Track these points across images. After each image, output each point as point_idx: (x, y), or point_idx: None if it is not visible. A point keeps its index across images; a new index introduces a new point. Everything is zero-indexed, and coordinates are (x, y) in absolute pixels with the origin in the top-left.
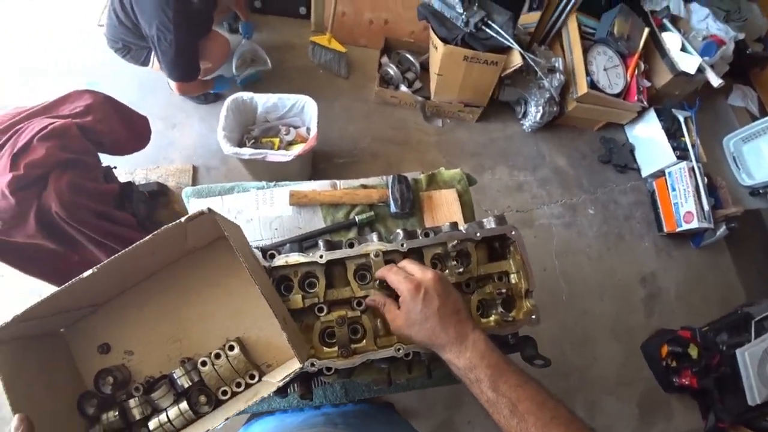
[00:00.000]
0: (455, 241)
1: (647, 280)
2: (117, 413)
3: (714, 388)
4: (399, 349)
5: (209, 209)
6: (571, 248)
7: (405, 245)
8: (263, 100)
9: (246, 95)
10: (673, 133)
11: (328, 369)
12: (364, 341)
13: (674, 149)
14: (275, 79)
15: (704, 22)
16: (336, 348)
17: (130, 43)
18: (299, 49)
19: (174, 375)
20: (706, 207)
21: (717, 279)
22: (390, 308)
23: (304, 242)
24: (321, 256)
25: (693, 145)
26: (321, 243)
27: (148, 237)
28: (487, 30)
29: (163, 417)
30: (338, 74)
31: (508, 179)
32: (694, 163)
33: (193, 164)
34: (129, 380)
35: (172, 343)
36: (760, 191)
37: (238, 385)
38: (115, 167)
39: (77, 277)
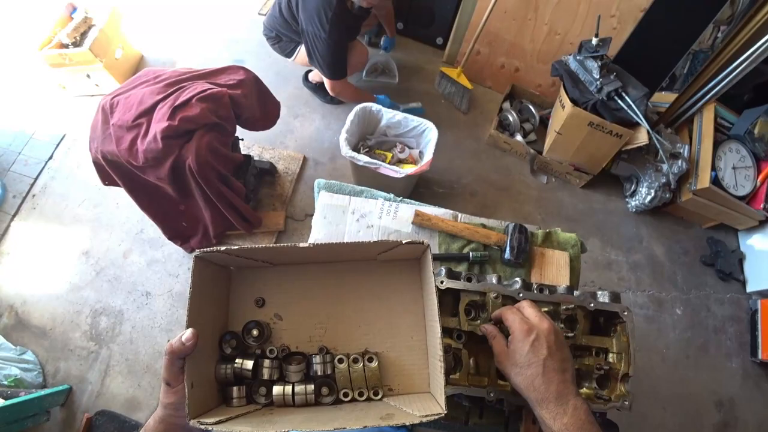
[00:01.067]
0: (569, 305)
1: (724, 404)
2: (251, 365)
3: None
4: (491, 393)
5: (427, 244)
6: (646, 344)
7: (522, 294)
8: (389, 115)
9: (375, 107)
10: None
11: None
12: (458, 374)
13: None
14: (399, 96)
15: None
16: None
17: (283, 34)
18: (427, 75)
19: (313, 359)
20: None
21: None
22: (499, 341)
23: None
24: (442, 282)
25: None
26: (443, 269)
27: (366, 242)
28: (619, 101)
29: (288, 388)
30: (458, 108)
31: (599, 254)
32: None
33: (304, 155)
34: (268, 340)
35: (318, 327)
36: None
37: (361, 394)
38: (243, 139)
39: (293, 244)
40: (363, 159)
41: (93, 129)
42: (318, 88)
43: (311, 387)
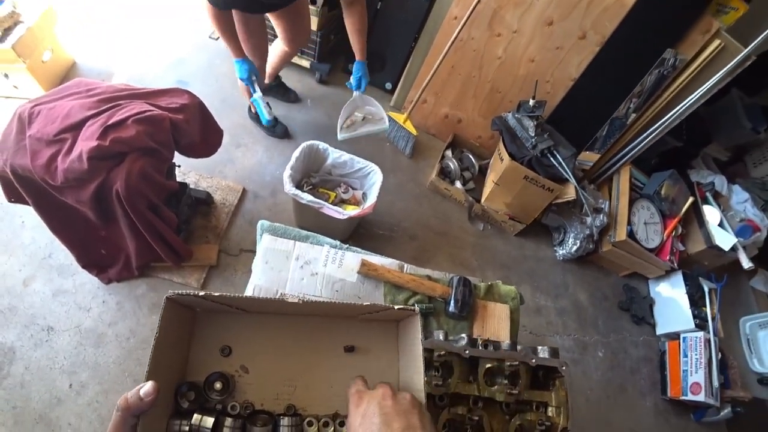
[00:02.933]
0: (513, 362)
1: None
2: (211, 423)
3: None
4: None
5: (419, 312)
6: (573, 386)
7: (468, 352)
8: (335, 155)
9: (322, 145)
10: (696, 300)
11: None
12: None
13: (694, 317)
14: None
15: (743, 204)
16: None
17: None
18: None
19: (280, 420)
20: (716, 383)
21: None
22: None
23: None
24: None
25: (713, 318)
26: (423, 400)
27: (365, 304)
28: (551, 158)
29: None
30: (403, 152)
31: (529, 299)
32: (711, 335)
33: (244, 186)
34: (231, 395)
35: (286, 385)
36: None
37: None
38: (179, 166)
39: (281, 298)
40: (306, 197)
41: (4, 139)
42: (253, 118)
43: None
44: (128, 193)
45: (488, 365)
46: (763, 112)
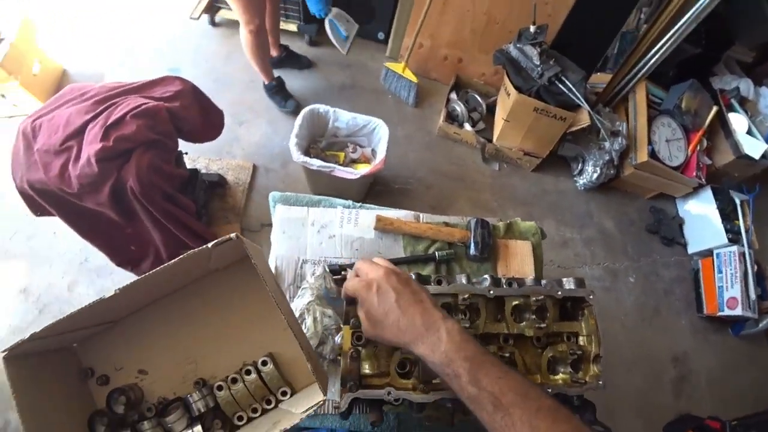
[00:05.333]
0: (539, 296)
1: (679, 360)
2: None
3: None
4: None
5: (237, 236)
6: (607, 314)
7: (492, 292)
8: (338, 116)
9: (323, 108)
10: (727, 214)
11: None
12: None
13: (726, 231)
14: (345, 95)
15: None
16: (411, 380)
17: None
18: (372, 72)
19: (189, 399)
20: (753, 296)
21: (753, 373)
22: (358, 309)
23: None
24: None
25: (747, 230)
26: (412, 276)
27: (174, 261)
28: (560, 85)
29: None
30: (406, 102)
31: (554, 233)
32: (745, 248)
33: (254, 163)
34: (142, 400)
35: (187, 364)
36: None
37: (254, 410)
38: (186, 153)
39: (100, 298)
40: (316, 163)
41: (14, 157)
42: (276, 93)
43: (199, 429)
44: (142, 187)
45: (515, 302)
46: None
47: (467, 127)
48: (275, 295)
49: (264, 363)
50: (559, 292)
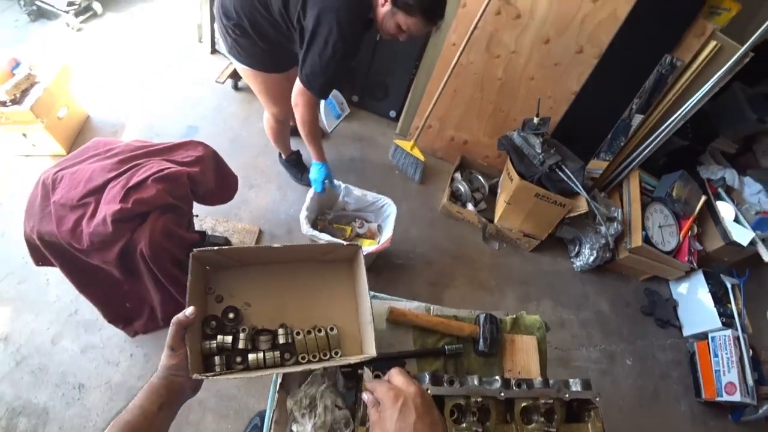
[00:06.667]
0: (548, 399)
1: None
2: (231, 339)
3: None
4: None
5: (359, 245)
6: (604, 396)
7: (504, 394)
8: (350, 191)
9: (335, 181)
10: (719, 298)
11: None
12: None
13: (720, 315)
14: (354, 167)
15: (756, 196)
16: None
17: (259, 28)
18: (381, 147)
19: (278, 332)
20: (750, 381)
21: None
22: (373, 411)
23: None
24: (427, 389)
25: (739, 314)
26: (427, 375)
27: (308, 244)
28: (560, 173)
29: (260, 355)
30: (412, 178)
31: (551, 313)
32: (739, 332)
33: (260, 227)
34: (241, 322)
35: (278, 311)
36: None
37: (314, 357)
38: (197, 215)
39: (265, 245)
40: (324, 237)
41: (30, 205)
42: (293, 165)
43: (278, 353)
44: (152, 252)
45: (524, 404)
46: (767, 100)
47: (470, 206)
48: (360, 292)
49: (331, 329)
50: (567, 395)
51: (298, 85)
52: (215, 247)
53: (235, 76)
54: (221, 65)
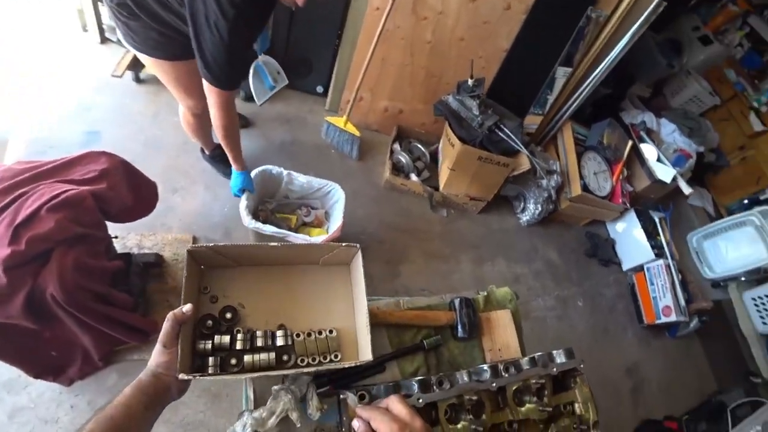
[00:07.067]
0: (540, 379)
1: (632, 371)
2: (228, 339)
3: None
4: None
5: (357, 246)
6: (564, 341)
7: (495, 384)
8: (293, 178)
9: (276, 169)
10: (650, 232)
11: None
12: None
13: (652, 247)
14: (286, 152)
15: (672, 135)
16: None
17: (146, 10)
18: (312, 126)
19: (277, 333)
20: (682, 302)
21: (692, 368)
22: None
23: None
24: (419, 400)
25: (668, 244)
26: (416, 385)
27: (303, 244)
28: (500, 133)
29: (257, 356)
30: (349, 156)
31: (506, 271)
32: (669, 260)
33: (193, 235)
34: (238, 323)
35: (274, 314)
36: (721, 284)
37: (313, 359)
38: (116, 237)
39: (263, 244)
40: (269, 229)
41: None
42: (218, 161)
43: (273, 354)
44: (66, 294)
45: (515, 387)
46: (672, 46)
47: (413, 177)
48: (357, 295)
49: (330, 331)
50: (555, 369)
51: (204, 81)
52: (211, 244)
53: (135, 66)
54: (116, 56)
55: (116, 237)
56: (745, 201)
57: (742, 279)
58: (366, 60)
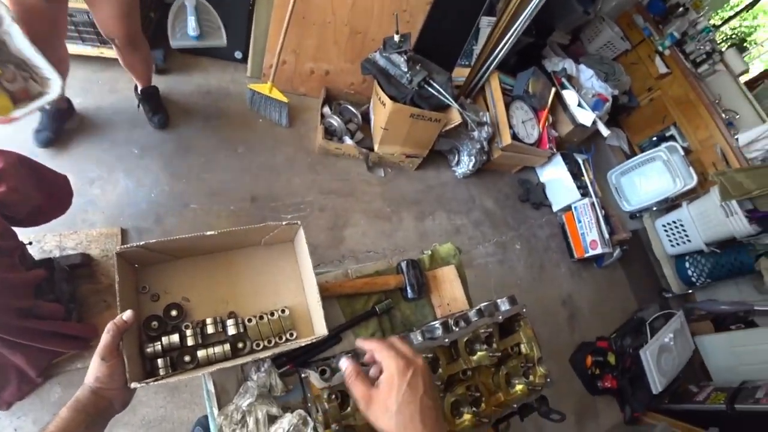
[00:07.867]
0: (488, 328)
1: (566, 301)
2: (177, 338)
3: (628, 385)
4: None
5: (298, 222)
6: (506, 283)
7: (448, 339)
8: (13, 32)
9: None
10: (575, 173)
11: None
12: None
13: (578, 187)
14: (211, 127)
15: (590, 80)
16: None
17: None
18: (236, 96)
19: (228, 323)
20: (606, 235)
21: (617, 292)
22: (364, 382)
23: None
24: None
25: (591, 183)
26: None
27: (242, 228)
28: (429, 89)
29: (210, 350)
30: (279, 123)
31: (447, 223)
32: (594, 198)
33: (121, 227)
34: (184, 318)
35: (221, 303)
36: (637, 215)
37: (269, 342)
38: (30, 243)
39: (198, 234)
40: None
41: None
42: (149, 98)
43: (227, 345)
44: None
45: (465, 338)
46: None
47: (347, 140)
48: (304, 272)
49: (282, 311)
50: (501, 317)
51: None
52: (141, 242)
53: None
54: None
55: (30, 243)
56: (654, 138)
57: (654, 209)
58: (285, 20)
